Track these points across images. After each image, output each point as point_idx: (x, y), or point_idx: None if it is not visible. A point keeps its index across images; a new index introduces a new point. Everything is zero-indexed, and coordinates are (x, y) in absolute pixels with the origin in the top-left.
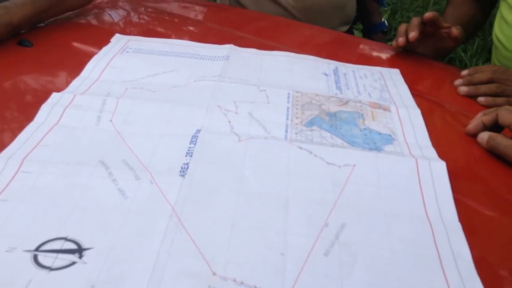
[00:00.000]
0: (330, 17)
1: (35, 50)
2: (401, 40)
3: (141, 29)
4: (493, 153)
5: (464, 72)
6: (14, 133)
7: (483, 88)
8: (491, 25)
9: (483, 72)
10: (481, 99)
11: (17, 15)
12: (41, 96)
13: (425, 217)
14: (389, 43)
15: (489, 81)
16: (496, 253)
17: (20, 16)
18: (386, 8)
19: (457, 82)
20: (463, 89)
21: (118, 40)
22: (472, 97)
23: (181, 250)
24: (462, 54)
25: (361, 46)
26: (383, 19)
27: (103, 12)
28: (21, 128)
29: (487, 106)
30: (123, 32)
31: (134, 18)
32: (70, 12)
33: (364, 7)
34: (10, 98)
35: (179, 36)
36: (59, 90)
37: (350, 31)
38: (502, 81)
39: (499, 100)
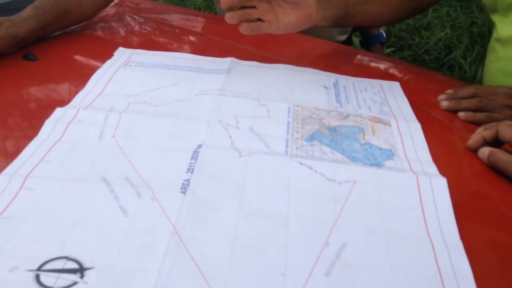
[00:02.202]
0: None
1: (40, 64)
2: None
3: (144, 42)
4: (495, 168)
5: (449, 91)
6: (19, 148)
7: (464, 103)
8: (490, 32)
9: (467, 88)
10: (461, 114)
11: (23, 28)
12: (46, 110)
13: (426, 235)
14: (387, 50)
15: (472, 96)
16: (498, 271)
17: (26, 29)
18: None
19: (440, 97)
20: (445, 103)
21: (121, 54)
22: (454, 111)
23: (182, 270)
24: (462, 61)
25: (362, 58)
26: (381, 30)
27: (107, 25)
28: (25, 142)
29: (466, 121)
30: (127, 45)
31: (138, 31)
32: (75, 26)
33: None
34: (15, 112)
35: (182, 49)
36: (63, 103)
37: (349, 39)
38: (484, 96)
39: (479, 115)
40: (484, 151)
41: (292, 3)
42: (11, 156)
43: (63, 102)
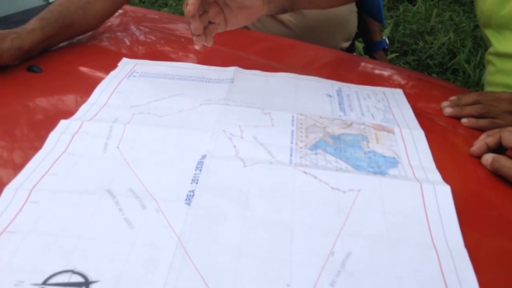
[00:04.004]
0: (332, 34)
1: (44, 75)
2: (194, 27)
3: (149, 52)
4: (499, 175)
5: (452, 97)
6: (23, 160)
7: (467, 109)
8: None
9: (470, 94)
10: (464, 120)
11: (28, 40)
12: (50, 122)
13: (431, 244)
14: (391, 55)
15: (475, 103)
16: (503, 279)
17: (31, 41)
18: (389, 21)
19: (444, 104)
20: (448, 110)
21: (125, 64)
22: (457, 118)
23: (187, 282)
24: (466, 66)
25: (365, 65)
26: (384, 37)
27: (111, 35)
28: (30, 154)
29: (470, 128)
30: (132, 55)
31: (142, 41)
32: (80, 36)
33: (365, 25)
34: (19, 124)
35: (186, 58)
36: (67, 115)
37: (352, 46)
38: (488, 102)
39: (482, 121)
40: (488, 158)
41: (239, 6)
42: (15, 168)
43: (68, 114)
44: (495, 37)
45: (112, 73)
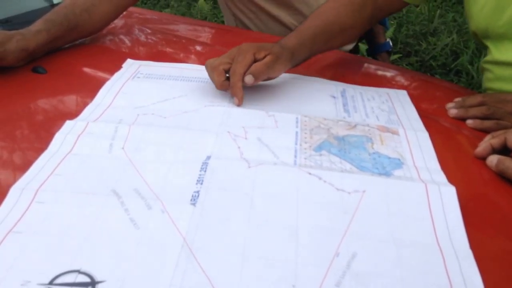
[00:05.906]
0: None
1: (49, 76)
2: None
3: (152, 53)
4: (504, 176)
5: (457, 99)
6: (28, 161)
7: (473, 111)
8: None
9: (474, 96)
10: (469, 121)
11: (33, 42)
12: (55, 123)
13: (436, 245)
14: (394, 56)
15: (480, 104)
16: (508, 280)
17: (36, 43)
18: (392, 22)
19: (449, 105)
20: (453, 111)
21: (129, 65)
22: (462, 119)
23: (192, 282)
24: (469, 67)
25: (369, 67)
26: (387, 39)
27: (116, 37)
28: (35, 155)
29: (475, 129)
30: (135, 56)
31: (146, 42)
32: (84, 38)
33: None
34: (25, 125)
35: (190, 60)
36: (72, 116)
37: (356, 48)
38: (493, 104)
39: (487, 123)
40: (493, 159)
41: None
42: (21, 169)
43: (73, 115)
44: (494, 45)
45: (117, 74)
